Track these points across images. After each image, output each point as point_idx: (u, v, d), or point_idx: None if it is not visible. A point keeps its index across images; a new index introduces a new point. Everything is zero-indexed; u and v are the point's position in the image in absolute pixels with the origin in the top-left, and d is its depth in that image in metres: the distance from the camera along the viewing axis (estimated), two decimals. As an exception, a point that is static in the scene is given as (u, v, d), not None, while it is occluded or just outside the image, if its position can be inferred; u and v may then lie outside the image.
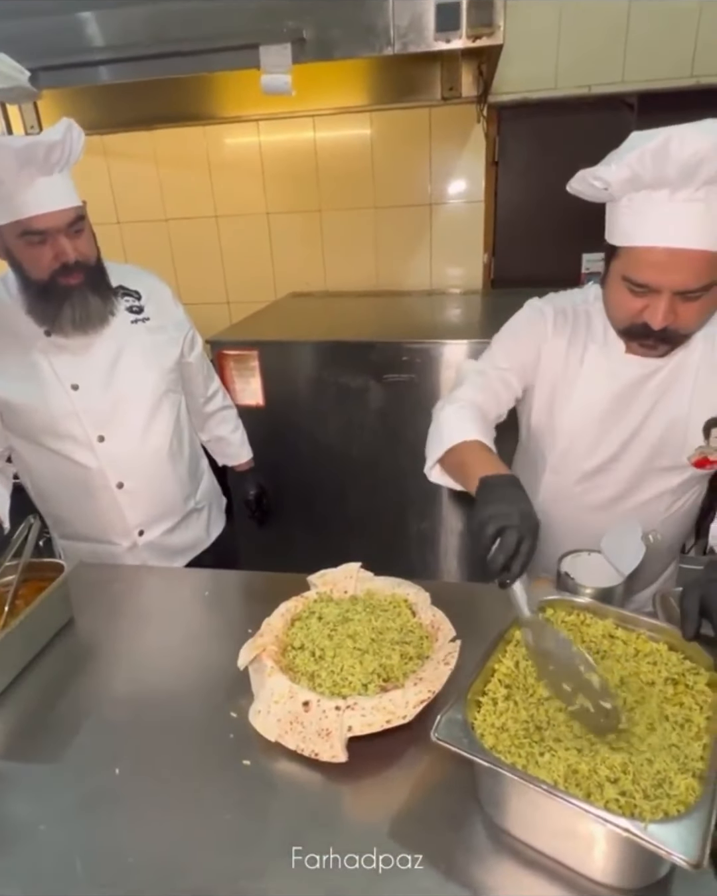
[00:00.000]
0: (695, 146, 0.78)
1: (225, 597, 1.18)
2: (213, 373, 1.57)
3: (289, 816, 0.74)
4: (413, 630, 0.94)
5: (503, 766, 0.63)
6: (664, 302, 0.89)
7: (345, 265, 2.81)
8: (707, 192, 0.83)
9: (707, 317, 0.94)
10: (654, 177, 0.83)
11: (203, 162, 2.77)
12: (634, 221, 0.88)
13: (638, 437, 1.07)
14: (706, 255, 0.85)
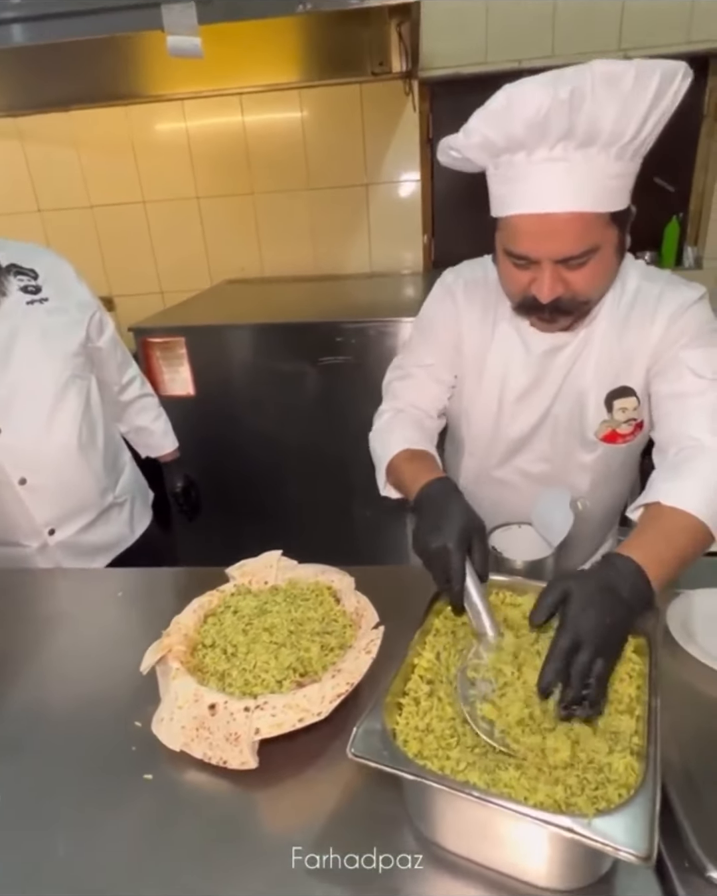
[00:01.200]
0: (536, 101, 0.72)
1: (140, 597, 1.09)
2: (129, 359, 1.46)
3: (196, 833, 0.66)
4: (336, 619, 0.87)
5: (430, 777, 0.56)
6: (547, 273, 0.83)
7: (281, 250, 2.72)
8: (565, 150, 0.76)
9: (603, 282, 0.88)
10: (505, 139, 0.77)
11: (127, 145, 2.64)
12: (502, 190, 0.83)
13: (550, 415, 1.02)
14: (578, 217, 0.78)
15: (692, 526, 0.78)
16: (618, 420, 0.99)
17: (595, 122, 0.73)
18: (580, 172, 0.77)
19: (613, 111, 0.72)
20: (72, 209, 2.73)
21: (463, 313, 1.04)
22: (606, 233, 0.82)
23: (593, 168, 0.77)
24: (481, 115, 0.77)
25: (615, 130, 0.74)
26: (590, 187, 0.78)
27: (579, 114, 0.72)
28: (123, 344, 1.43)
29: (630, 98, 0.72)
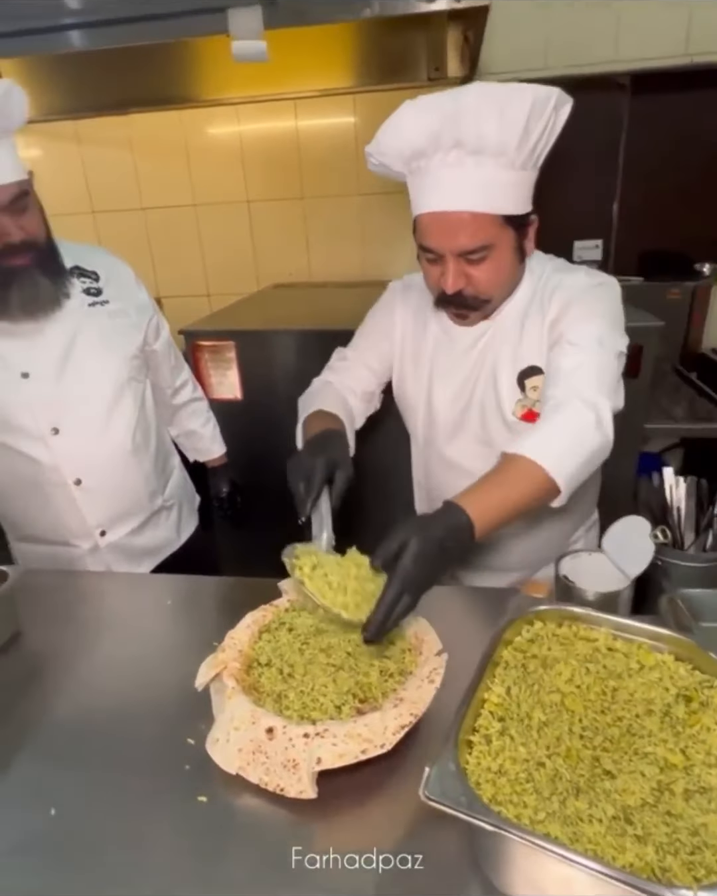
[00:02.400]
0: (428, 114, 0.85)
1: (190, 606, 1.08)
2: (182, 363, 1.46)
3: (250, 863, 0.64)
4: (394, 642, 0.84)
5: (512, 831, 0.52)
6: (450, 265, 0.93)
7: (329, 255, 2.70)
8: (458, 157, 0.87)
9: (502, 280, 0.98)
10: (409, 147, 0.89)
11: (181, 148, 2.66)
12: (413, 193, 0.95)
13: (474, 400, 1.09)
14: (472, 216, 0.89)
15: (529, 471, 0.85)
16: (532, 399, 1.04)
17: (479, 133, 0.84)
18: (473, 177, 0.88)
19: (493, 124, 0.84)
20: (124, 211, 2.76)
21: (399, 313, 1.17)
22: (501, 233, 0.92)
23: (485, 174, 0.88)
24: (385, 128, 0.91)
25: (500, 142, 0.85)
26: (482, 190, 0.89)
27: (465, 125, 0.84)
28: (176, 347, 1.43)
29: (507, 115, 0.83)
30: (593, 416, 0.88)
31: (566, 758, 0.63)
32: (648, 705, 0.69)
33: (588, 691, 0.71)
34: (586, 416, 0.88)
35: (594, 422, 0.87)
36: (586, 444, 0.88)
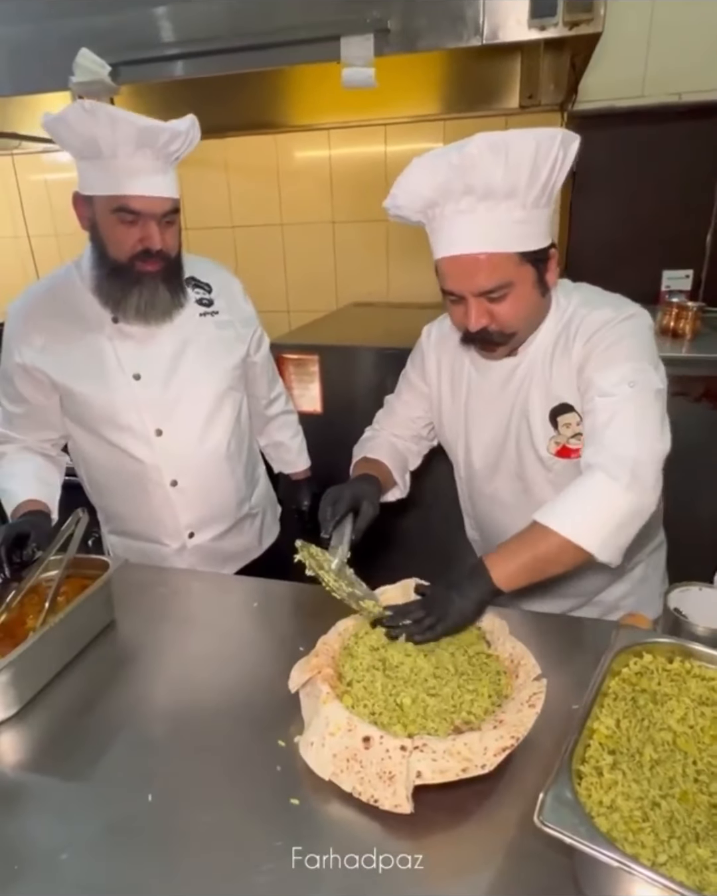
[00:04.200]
0: (436, 169, 0.89)
1: (276, 609, 1.09)
2: (277, 376, 1.50)
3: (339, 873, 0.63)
4: (488, 663, 0.82)
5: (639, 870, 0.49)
6: (471, 306, 0.96)
7: (409, 276, 2.73)
8: (470, 203, 0.90)
9: (526, 314, 0.99)
10: (421, 200, 0.93)
11: (272, 170, 2.77)
12: (432, 240, 0.98)
13: (509, 437, 1.11)
14: (488, 256, 0.92)
15: (558, 541, 0.88)
16: (565, 435, 1.04)
17: (487, 180, 0.87)
18: (485, 220, 0.90)
19: (500, 170, 0.86)
20: (215, 228, 2.88)
21: (432, 356, 1.20)
22: (519, 270, 0.94)
23: (497, 216, 0.90)
24: (397, 186, 0.95)
25: (508, 185, 0.87)
26: (494, 232, 0.91)
27: (473, 175, 0.87)
28: (272, 360, 1.47)
29: (512, 161, 0.85)
30: (625, 477, 0.87)
31: (682, 801, 0.60)
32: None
33: (703, 734, 0.68)
34: (615, 481, 0.87)
35: (626, 484, 0.87)
36: (616, 510, 0.88)
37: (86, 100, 1.04)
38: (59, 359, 1.17)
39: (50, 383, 1.18)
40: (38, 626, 0.92)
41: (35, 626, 0.93)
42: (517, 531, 0.94)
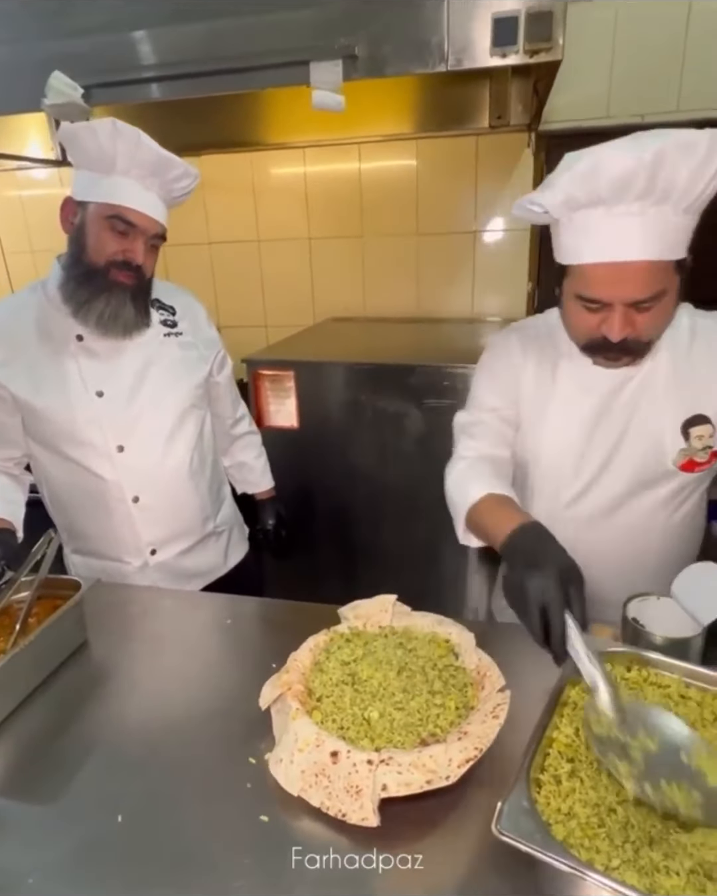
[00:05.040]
0: (622, 165, 0.80)
1: (248, 625, 1.10)
2: (240, 398, 1.53)
3: (310, 887, 0.64)
4: (456, 675, 0.84)
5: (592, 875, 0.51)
6: (618, 315, 0.90)
7: (386, 291, 2.77)
8: (642, 206, 0.84)
9: (665, 323, 0.95)
10: (588, 196, 0.85)
11: (248, 187, 2.80)
12: (577, 240, 0.90)
13: (620, 451, 1.05)
14: (650, 264, 0.86)
15: None
16: (695, 448, 1.01)
17: (671, 182, 0.81)
18: (652, 225, 0.85)
19: (686, 174, 0.80)
20: (192, 245, 2.90)
21: (520, 361, 1.10)
22: (671, 278, 0.89)
23: (664, 221, 0.85)
24: (568, 177, 0.85)
25: (687, 190, 0.82)
26: (660, 238, 0.85)
27: (659, 175, 0.80)
28: (235, 384, 1.50)
29: (703, 163, 0.80)
30: None
31: (637, 806, 0.62)
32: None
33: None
34: None
35: None
36: None
37: (116, 120, 1.08)
38: (22, 375, 1.18)
39: (12, 400, 1.19)
40: (9, 647, 0.91)
41: (5, 648, 0.93)
42: None
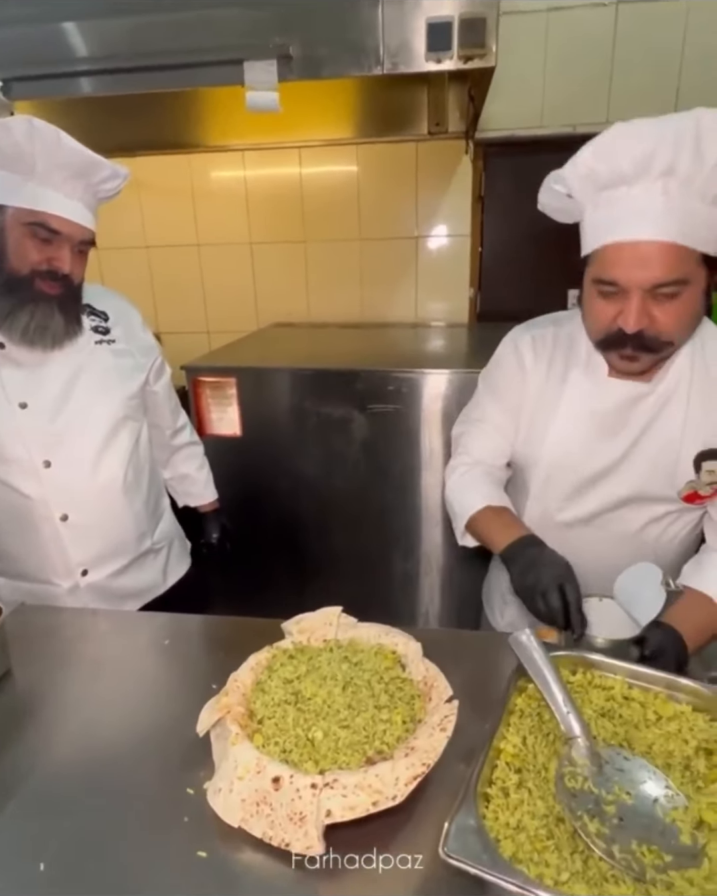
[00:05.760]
0: (645, 138, 0.79)
1: (188, 645, 1.04)
2: (180, 407, 1.47)
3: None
4: (403, 687, 0.81)
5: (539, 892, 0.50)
6: (635, 301, 0.86)
7: (329, 296, 2.76)
8: (665, 184, 0.81)
9: (687, 323, 0.90)
10: (610, 172, 0.83)
11: (186, 190, 2.74)
12: (600, 222, 0.88)
13: (624, 466, 1.02)
14: (672, 247, 0.83)
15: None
16: (703, 482, 0.98)
17: (696, 161, 0.78)
18: (675, 207, 0.82)
19: (713, 154, 0.78)
20: (128, 248, 2.81)
21: (529, 367, 1.07)
22: (696, 271, 0.85)
23: (688, 206, 0.82)
24: (590, 148, 0.83)
25: (713, 173, 0.79)
26: (683, 222, 0.82)
27: (683, 152, 0.78)
28: (175, 393, 1.44)
29: None
30: None
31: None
32: (667, 758, 0.67)
33: (605, 745, 0.69)
34: None
35: None
36: None
37: (34, 118, 1.01)
38: None
39: None
40: None
41: None
42: None
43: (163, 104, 2.21)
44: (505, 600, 1.27)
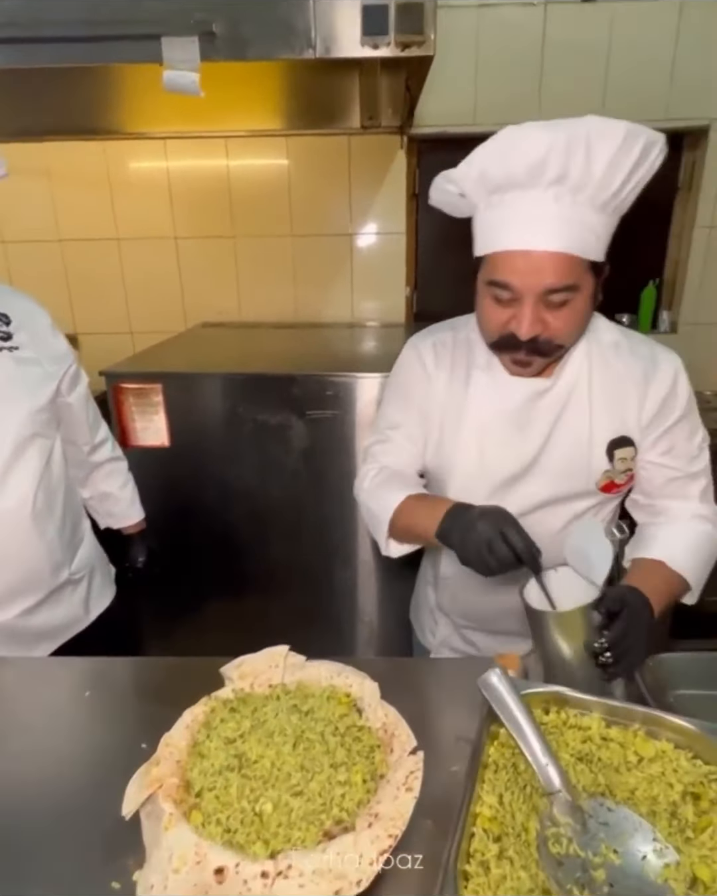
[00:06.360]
0: (537, 144, 0.78)
1: (112, 695, 0.91)
2: (100, 419, 1.32)
3: None
4: (360, 737, 0.73)
5: None
6: (528, 308, 0.87)
7: (261, 295, 2.63)
8: (557, 192, 0.82)
9: (577, 327, 0.92)
10: (504, 176, 0.83)
11: (103, 180, 2.54)
12: (492, 227, 0.88)
13: (537, 465, 1.02)
14: (564, 256, 0.84)
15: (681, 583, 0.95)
16: (618, 470, 1.00)
17: (587, 169, 0.79)
18: (566, 216, 0.83)
19: (603, 161, 0.78)
20: (39, 242, 2.58)
21: (432, 373, 1.06)
22: (585, 278, 0.87)
23: (579, 214, 0.83)
24: (483, 150, 0.82)
25: (604, 180, 0.80)
26: (575, 231, 0.83)
27: (575, 159, 0.78)
28: (94, 402, 1.29)
29: (619, 153, 0.78)
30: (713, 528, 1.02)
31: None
32: (652, 805, 0.62)
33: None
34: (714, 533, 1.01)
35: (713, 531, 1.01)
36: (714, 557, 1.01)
37: None
38: None
39: None
40: None
41: None
42: None
43: (74, 84, 2.01)
44: (435, 619, 1.23)
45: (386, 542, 1.06)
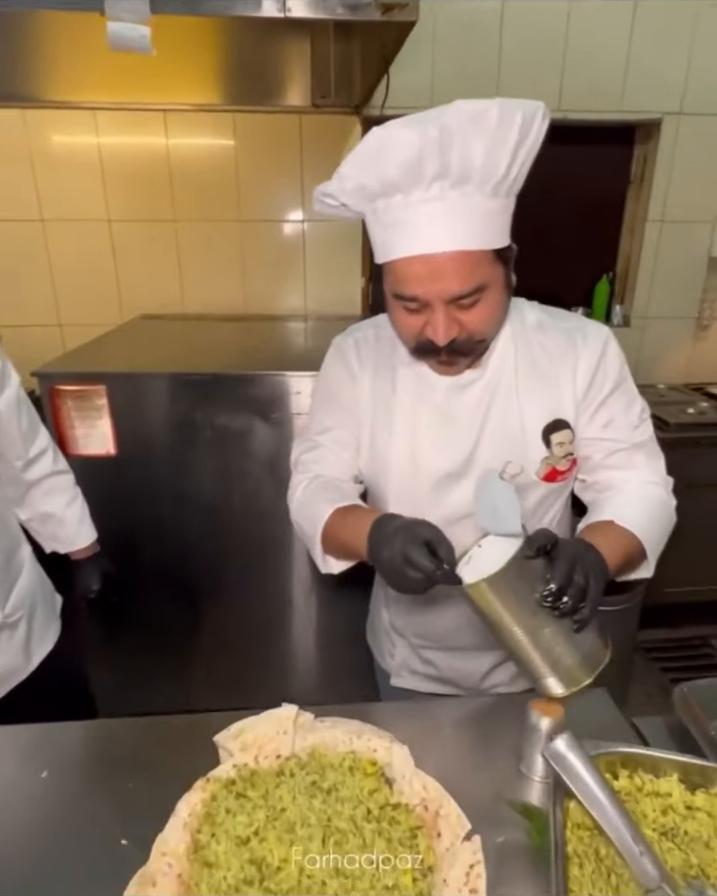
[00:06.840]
0: (407, 142, 0.71)
1: (77, 776, 0.74)
2: (38, 427, 1.13)
3: None
4: (398, 819, 0.61)
5: None
6: (440, 314, 0.81)
7: (207, 284, 2.44)
8: (441, 189, 0.76)
9: (495, 320, 0.88)
10: (380, 183, 0.77)
11: (23, 154, 2.27)
12: (383, 236, 0.82)
13: (474, 462, 0.96)
14: (465, 254, 0.78)
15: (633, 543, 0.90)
16: (557, 456, 0.95)
17: (467, 159, 0.73)
18: (459, 211, 0.77)
19: (482, 148, 0.73)
20: (-53, 221, 2.29)
21: (357, 371, 1.01)
22: (493, 270, 0.82)
23: (471, 206, 0.77)
24: (352, 160, 0.76)
25: (487, 167, 0.75)
26: (470, 225, 0.78)
27: (451, 152, 0.72)
28: (30, 406, 1.10)
29: (497, 135, 0.72)
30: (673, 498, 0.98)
31: None
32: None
33: (674, 872, 0.54)
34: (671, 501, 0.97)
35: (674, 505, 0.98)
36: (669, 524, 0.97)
37: None
38: None
39: None
40: None
41: None
42: None
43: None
44: (392, 641, 1.16)
45: (322, 558, 0.98)
